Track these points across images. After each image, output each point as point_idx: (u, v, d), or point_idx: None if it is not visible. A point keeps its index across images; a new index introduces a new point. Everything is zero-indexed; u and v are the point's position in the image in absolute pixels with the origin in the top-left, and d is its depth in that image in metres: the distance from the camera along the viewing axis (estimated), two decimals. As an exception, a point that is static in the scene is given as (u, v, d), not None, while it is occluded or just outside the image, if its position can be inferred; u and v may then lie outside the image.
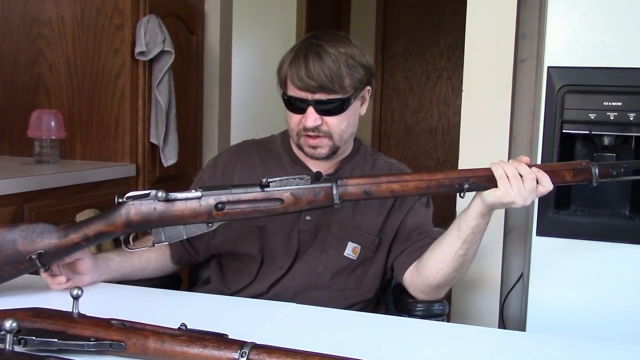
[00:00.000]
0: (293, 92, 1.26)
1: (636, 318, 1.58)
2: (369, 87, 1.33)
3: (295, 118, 1.28)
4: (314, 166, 1.34)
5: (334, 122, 1.26)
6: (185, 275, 1.60)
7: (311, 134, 1.26)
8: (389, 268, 1.36)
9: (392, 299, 1.47)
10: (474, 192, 1.16)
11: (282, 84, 1.30)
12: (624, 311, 1.59)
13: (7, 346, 0.75)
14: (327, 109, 1.25)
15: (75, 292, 0.84)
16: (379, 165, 1.40)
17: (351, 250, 1.32)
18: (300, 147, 1.31)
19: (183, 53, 2.77)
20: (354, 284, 1.33)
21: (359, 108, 1.34)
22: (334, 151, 1.30)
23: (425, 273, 1.25)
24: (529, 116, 2.15)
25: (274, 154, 1.39)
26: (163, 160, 2.60)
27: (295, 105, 1.27)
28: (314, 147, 1.28)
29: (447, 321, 1.35)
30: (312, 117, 1.25)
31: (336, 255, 1.31)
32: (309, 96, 1.24)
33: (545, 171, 1.13)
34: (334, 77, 1.22)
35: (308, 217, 1.32)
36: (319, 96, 1.24)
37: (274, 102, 1.36)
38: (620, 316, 1.59)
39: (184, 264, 1.45)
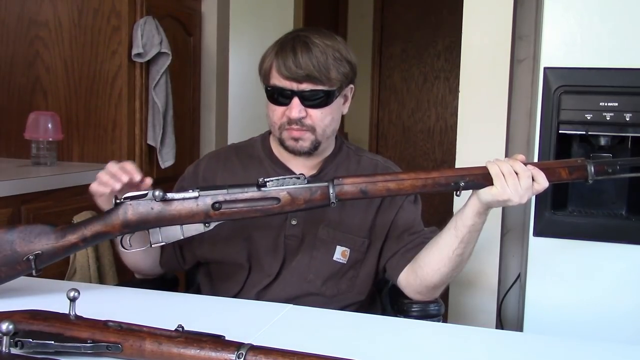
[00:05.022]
0: (278, 82, 1.24)
1: (633, 318, 1.58)
2: (351, 86, 1.32)
3: (278, 111, 1.26)
4: (296, 168, 1.32)
5: (318, 116, 1.25)
6: (182, 277, 1.60)
7: (294, 127, 1.25)
8: (381, 269, 1.35)
9: (389, 299, 1.47)
10: (471, 191, 1.16)
11: (266, 75, 1.28)
12: (621, 311, 1.59)
13: (3, 348, 0.75)
14: (312, 101, 1.24)
15: (71, 294, 0.84)
16: (364, 162, 1.38)
17: (340, 254, 1.30)
18: (282, 143, 1.29)
19: (180, 54, 2.77)
20: (346, 286, 1.32)
21: (342, 106, 1.33)
22: (315, 146, 1.28)
23: (422, 274, 1.25)
24: (525, 117, 2.16)
25: (254, 157, 1.37)
26: (160, 162, 2.60)
27: (279, 97, 1.25)
28: (297, 139, 1.26)
29: (443, 322, 1.35)
30: (297, 109, 1.23)
31: (325, 261, 1.30)
32: (294, 86, 1.23)
33: (541, 169, 1.13)
34: (321, 67, 1.22)
35: (294, 222, 1.30)
36: (305, 86, 1.23)
37: (271, 103, 1.36)
38: (618, 316, 1.59)
39: (169, 269, 1.42)
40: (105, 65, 2.49)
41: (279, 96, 1.26)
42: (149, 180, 1.17)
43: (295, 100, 1.24)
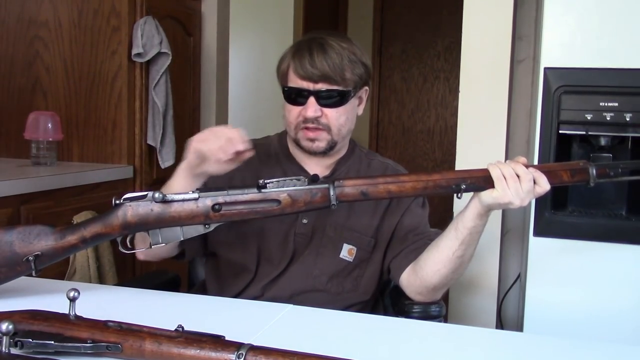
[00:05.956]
0: (295, 82, 1.27)
1: (633, 318, 1.58)
2: (366, 88, 1.35)
3: (294, 110, 1.28)
4: (311, 168, 1.34)
5: (333, 115, 1.27)
6: (184, 277, 1.60)
7: (310, 125, 1.27)
8: (385, 269, 1.36)
9: (390, 300, 1.47)
10: (472, 193, 1.16)
11: (283, 76, 1.31)
12: (621, 311, 1.59)
13: (3, 348, 0.75)
14: (328, 101, 1.26)
15: (71, 294, 0.84)
16: (375, 165, 1.40)
17: (347, 251, 1.32)
18: (297, 143, 1.31)
19: (180, 55, 2.77)
20: (351, 285, 1.33)
21: (357, 107, 1.35)
22: (331, 146, 1.30)
23: (422, 275, 1.25)
24: (525, 117, 2.16)
25: (271, 155, 1.39)
26: (160, 162, 2.60)
27: (296, 97, 1.28)
28: (312, 140, 1.29)
29: (443, 322, 1.35)
30: (312, 108, 1.26)
31: (332, 258, 1.31)
32: (310, 86, 1.25)
33: (542, 172, 1.12)
34: (336, 68, 1.25)
35: (305, 221, 1.31)
36: (321, 86, 1.25)
37: (271, 103, 1.37)
38: (618, 316, 1.59)
39: (193, 255, 1.41)
40: (105, 65, 2.49)
41: (295, 96, 1.28)
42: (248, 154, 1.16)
43: (311, 100, 1.26)
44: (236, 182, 1.30)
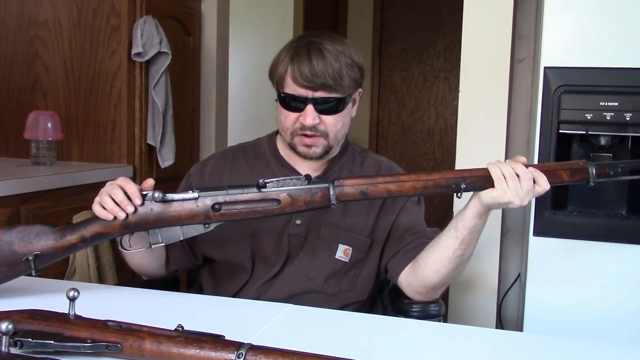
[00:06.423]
0: (292, 89, 1.24)
1: (633, 318, 1.58)
2: (360, 90, 1.33)
3: (291, 117, 1.26)
4: (302, 169, 1.33)
5: (331, 122, 1.26)
6: (184, 276, 1.60)
7: (308, 132, 1.25)
8: (382, 269, 1.36)
9: (390, 300, 1.47)
10: (471, 193, 1.16)
11: (279, 80, 1.28)
12: (621, 311, 1.59)
13: (3, 348, 0.75)
14: (326, 107, 1.24)
15: (71, 293, 0.84)
16: (368, 163, 1.39)
17: (342, 252, 1.31)
18: (293, 147, 1.29)
19: (180, 54, 2.77)
20: (348, 285, 1.33)
21: (351, 109, 1.33)
22: (327, 151, 1.29)
23: (422, 274, 1.25)
24: (525, 116, 2.16)
25: (260, 157, 1.38)
26: (160, 162, 2.60)
27: (293, 104, 1.25)
28: (309, 146, 1.27)
29: (443, 321, 1.34)
30: (311, 116, 1.23)
31: (328, 259, 1.30)
32: (309, 94, 1.23)
33: (542, 171, 1.13)
34: (336, 75, 1.22)
35: (298, 221, 1.31)
36: (319, 94, 1.23)
37: (271, 103, 1.36)
38: (618, 316, 1.59)
39: (183, 268, 1.42)
40: (104, 65, 2.49)
41: (292, 102, 1.26)
42: (150, 182, 1.14)
43: (309, 107, 1.24)
44: None
